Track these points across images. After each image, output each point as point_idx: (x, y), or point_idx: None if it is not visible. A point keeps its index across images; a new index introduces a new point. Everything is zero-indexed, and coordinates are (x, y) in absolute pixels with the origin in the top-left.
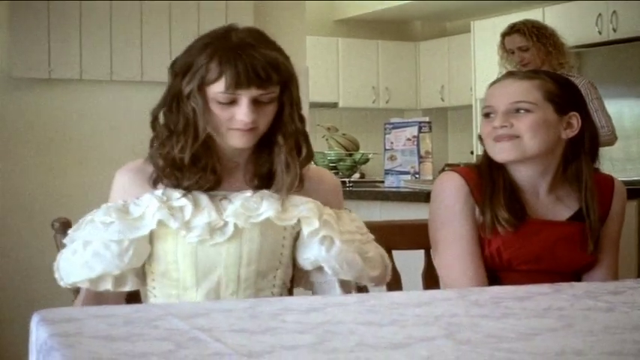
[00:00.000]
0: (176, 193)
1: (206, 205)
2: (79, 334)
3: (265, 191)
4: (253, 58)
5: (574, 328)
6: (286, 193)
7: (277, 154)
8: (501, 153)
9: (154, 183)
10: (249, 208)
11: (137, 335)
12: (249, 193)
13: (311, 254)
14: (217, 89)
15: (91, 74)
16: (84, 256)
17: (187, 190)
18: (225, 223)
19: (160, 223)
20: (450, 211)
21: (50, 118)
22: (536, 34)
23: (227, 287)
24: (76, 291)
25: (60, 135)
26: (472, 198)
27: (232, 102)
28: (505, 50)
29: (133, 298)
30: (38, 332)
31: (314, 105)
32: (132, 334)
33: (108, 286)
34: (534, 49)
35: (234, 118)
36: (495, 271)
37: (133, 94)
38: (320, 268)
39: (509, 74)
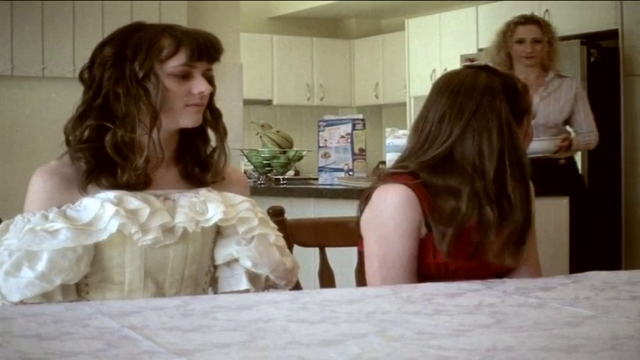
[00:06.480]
0: (128, 197)
1: (159, 207)
2: (7, 334)
3: (206, 192)
4: (203, 33)
5: (505, 324)
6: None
7: (212, 140)
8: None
9: (84, 185)
10: (197, 212)
11: (67, 334)
12: (191, 194)
13: (231, 248)
14: (175, 63)
15: (22, 70)
16: (36, 269)
17: (118, 189)
18: (174, 225)
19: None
20: (394, 230)
21: None
22: (548, 30)
23: (171, 287)
24: None
25: None
26: (422, 214)
27: (187, 76)
28: (511, 39)
29: None
30: None
31: (248, 102)
32: (62, 333)
33: (60, 297)
34: (543, 44)
35: (191, 92)
36: (441, 278)
37: (65, 90)
38: (228, 263)
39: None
